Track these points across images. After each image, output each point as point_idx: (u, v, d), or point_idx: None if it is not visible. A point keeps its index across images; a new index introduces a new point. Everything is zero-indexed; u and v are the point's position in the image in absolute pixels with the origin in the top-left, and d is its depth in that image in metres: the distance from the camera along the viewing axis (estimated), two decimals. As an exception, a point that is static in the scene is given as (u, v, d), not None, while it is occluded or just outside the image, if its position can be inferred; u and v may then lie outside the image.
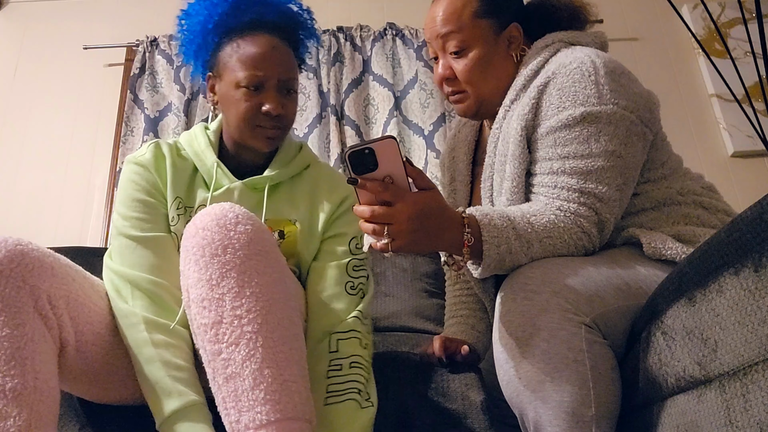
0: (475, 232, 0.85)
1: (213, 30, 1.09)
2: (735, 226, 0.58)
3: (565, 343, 0.79)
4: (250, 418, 0.75)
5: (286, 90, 1.07)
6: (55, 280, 0.84)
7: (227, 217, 0.83)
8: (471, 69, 1.06)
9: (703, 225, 0.97)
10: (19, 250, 0.81)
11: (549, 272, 0.84)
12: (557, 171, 0.94)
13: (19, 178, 2.38)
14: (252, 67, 1.03)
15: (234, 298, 0.79)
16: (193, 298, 0.82)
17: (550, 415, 0.80)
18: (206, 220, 0.83)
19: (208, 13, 1.08)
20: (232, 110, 1.06)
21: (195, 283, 0.82)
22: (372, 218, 0.79)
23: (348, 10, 2.55)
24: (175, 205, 1.05)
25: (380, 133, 2.28)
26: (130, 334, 0.91)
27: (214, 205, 0.86)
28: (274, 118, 1.05)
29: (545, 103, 0.96)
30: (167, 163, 1.07)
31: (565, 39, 1.06)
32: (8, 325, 0.76)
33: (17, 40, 2.61)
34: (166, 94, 2.39)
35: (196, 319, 0.82)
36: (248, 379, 0.76)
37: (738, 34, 2.40)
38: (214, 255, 0.81)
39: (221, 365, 0.78)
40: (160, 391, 0.85)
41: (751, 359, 0.55)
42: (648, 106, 0.98)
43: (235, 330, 0.78)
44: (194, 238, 0.83)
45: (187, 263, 0.84)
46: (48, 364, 0.79)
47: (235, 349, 0.78)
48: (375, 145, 0.76)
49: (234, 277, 0.80)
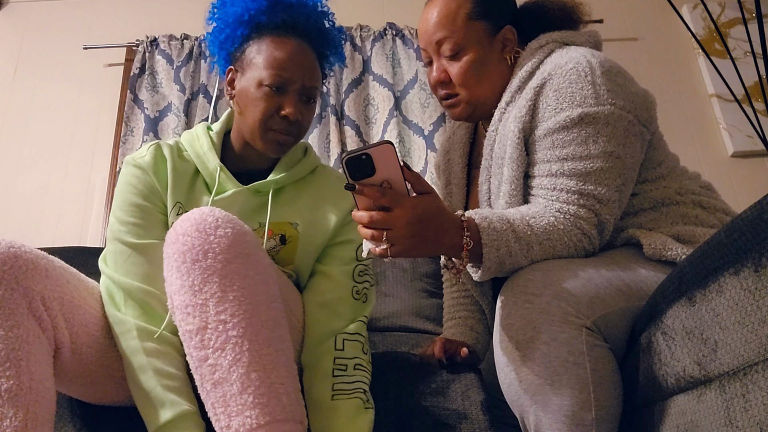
0: (474, 235, 0.85)
1: (246, 23, 1.07)
2: (735, 226, 0.58)
3: (565, 346, 0.79)
4: (240, 422, 0.75)
5: (307, 97, 1.06)
6: (48, 282, 0.84)
7: (207, 222, 0.82)
8: (466, 71, 1.05)
9: (701, 224, 0.97)
10: (12, 252, 0.81)
11: (549, 275, 0.83)
12: (556, 173, 0.93)
13: (19, 178, 2.38)
14: (278, 67, 1.02)
15: (217, 303, 0.79)
16: (177, 304, 0.82)
17: (551, 418, 0.80)
18: (186, 226, 0.82)
19: (245, 5, 1.07)
20: (249, 108, 1.04)
21: (178, 289, 0.81)
22: (370, 224, 0.78)
23: (348, 10, 2.55)
24: (175, 210, 1.03)
25: (380, 133, 2.28)
26: (123, 341, 0.91)
27: (194, 210, 0.84)
28: (291, 124, 1.04)
29: (542, 104, 0.96)
30: (168, 167, 1.05)
31: (559, 39, 1.05)
32: (2, 327, 0.76)
33: (17, 40, 2.61)
34: (166, 94, 2.39)
35: (181, 326, 0.82)
36: (236, 384, 0.76)
37: (738, 34, 2.40)
38: (195, 261, 0.80)
39: (208, 371, 0.78)
40: (152, 401, 0.85)
41: (751, 359, 0.55)
42: (645, 105, 0.98)
43: (221, 335, 0.78)
44: (175, 245, 0.82)
45: (169, 270, 0.83)
46: (43, 365, 0.79)
47: (222, 354, 0.77)
48: (372, 150, 0.76)
49: (216, 281, 0.79)
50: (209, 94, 2.33)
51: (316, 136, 2.28)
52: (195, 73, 2.38)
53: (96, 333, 0.91)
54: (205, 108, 2.30)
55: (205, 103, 2.30)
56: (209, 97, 2.32)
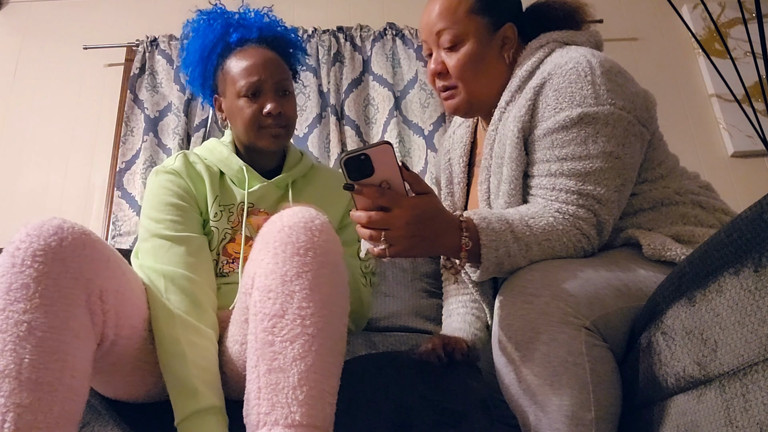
0: (473, 235, 0.85)
1: (208, 57, 1.22)
2: (735, 226, 0.58)
3: (564, 346, 0.79)
4: (283, 414, 0.75)
5: (282, 91, 1.17)
6: (109, 273, 0.84)
7: (314, 223, 0.85)
8: (464, 64, 1.05)
9: (701, 224, 0.97)
10: (83, 240, 0.81)
11: (548, 275, 0.83)
12: (555, 173, 0.93)
13: (20, 178, 2.38)
14: (247, 75, 1.14)
15: (303, 299, 0.80)
16: (260, 286, 0.83)
17: (551, 418, 0.80)
18: (294, 220, 0.85)
19: (202, 42, 1.21)
20: (237, 119, 1.16)
21: (267, 273, 0.83)
22: (369, 224, 0.78)
23: (348, 10, 2.55)
24: (217, 202, 1.14)
25: (380, 133, 2.28)
26: (166, 328, 0.93)
27: (301, 208, 0.88)
28: (276, 117, 1.15)
29: (542, 104, 0.96)
30: (200, 168, 1.16)
31: (559, 39, 1.05)
32: (58, 317, 0.76)
33: (17, 40, 2.61)
34: (166, 94, 2.39)
35: (256, 305, 0.83)
36: (293, 378, 0.76)
37: (738, 34, 2.40)
38: (295, 254, 0.82)
39: (269, 356, 0.78)
40: (184, 389, 0.87)
41: (751, 359, 0.55)
42: (645, 106, 0.97)
43: (295, 328, 0.79)
44: (279, 233, 0.84)
45: (263, 253, 0.85)
46: (85, 362, 0.79)
47: (290, 345, 0.78)
48: (370, 151, 0.76)
49: (308, 279, 0.81)
50: (209, 94, 2.33)
51: (316, 136, 2.28)
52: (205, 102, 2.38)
53: (138, 326, 0.92)
54: (205, 108, 2.30)
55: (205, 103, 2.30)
56: (209, 97, 2.32)
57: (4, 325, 0.73)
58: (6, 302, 0.74)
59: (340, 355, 0.83)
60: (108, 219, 2.25)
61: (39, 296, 0.75)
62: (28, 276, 0.75)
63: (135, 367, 0.94)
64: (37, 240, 0.77)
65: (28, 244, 0.77)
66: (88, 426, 0.95)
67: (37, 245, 0.77)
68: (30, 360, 0.72)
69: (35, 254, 0.76)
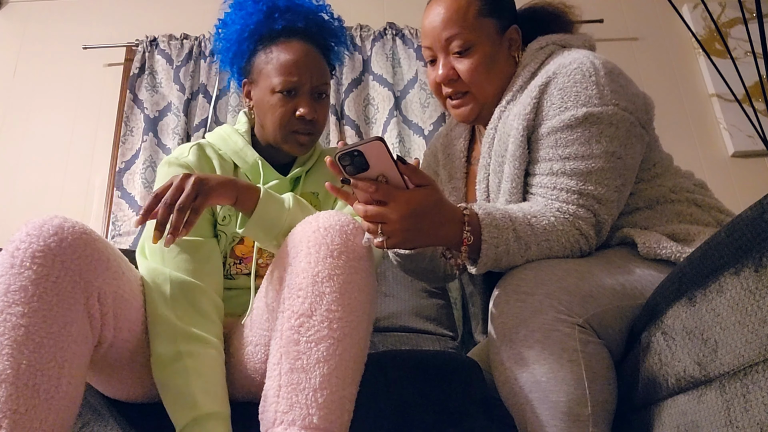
0: (475, 230, 0.85)
1: (248, 38, 1.15)
2: (735, 226, 0.58)
3: (559, 343, 0.79)
4: (301, 414, 0.74)
5: (318, 94, 1.13)
6: (108, 275, 0.83)
7: (349, 227, 0.85)
8: (477, 68, 1.05)
9: (696, 222, 0.97)
10: (84, 240, 0.80)
11: (542, 274, 0.84)
12: (557, 172, 0.94)
13: (19, 178, 2.38)
14: (286, 72, 1.09)
15: (332, 301, 0.80)
16: (290, 283, 0.83)
17: (547, 415, 0.80)
18: (330, 222, 0.85)
19: (244, 22, 1.14)
20: (268, 115, 1.12)
21: (299, 272, 0.82)
22: (366, 217, 0.80)
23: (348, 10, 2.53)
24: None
25: (380, 133, 2.28)
26: (163, 345, 0.90)
27: (339, 213, 0.88)
28: (308, 123, 1.11)
29: (546, 102, 0.96)
30: (215, 164, 1.12)
31: (557, 42, 1.07)
32: (57, 323, 0.74)
33: (17, 40, 2.61)
34: (166, 93, 2.39)
35: (284, 302, 0.83)
36: (315, 379, 0.76)
37: (738, 34, 2.40)
38: (329, 255, 0.82)
39: (293, 354, 0.78)
40: (182, 400, 0.85)
41: (752, 359, 0.55)
42: (645, 108, 0.99)
43: (321, 330, 0.78)
44: (314, 234, 0.84)
45: (296, 252, 0.85)
46: (82, 368, 0.78)
47: (314, 346, 0.78)
48: (362, 147, 0.76)
49: (340, 282, 0.81)
50: (209, 93, 2.33)
51: (316, 135, 2.28)
52: (195, 73, 2.38)
53: (136, 328, 0.91)
54: (205, 108, 2.30)
55: (205, 102, 2.30)
56: (209, 97, 2.32)
57: (1, 328, 0.71)
58: (4, 304, 0.73)
59: (362, 363, 0.83)
60: (107, 219, 2.25)
61: (38, 299, 0.74)
62: (27, 278, 0.74)
63: (134, 367, 0.93)
64: (36, 240, 0.76)
65: (27, 245, 0.76)
66: (88, 426, 0.95)
67: (36, 246, 0.76)
68: (27, 365, 0.71)
69: (34, 255, 0.75)
